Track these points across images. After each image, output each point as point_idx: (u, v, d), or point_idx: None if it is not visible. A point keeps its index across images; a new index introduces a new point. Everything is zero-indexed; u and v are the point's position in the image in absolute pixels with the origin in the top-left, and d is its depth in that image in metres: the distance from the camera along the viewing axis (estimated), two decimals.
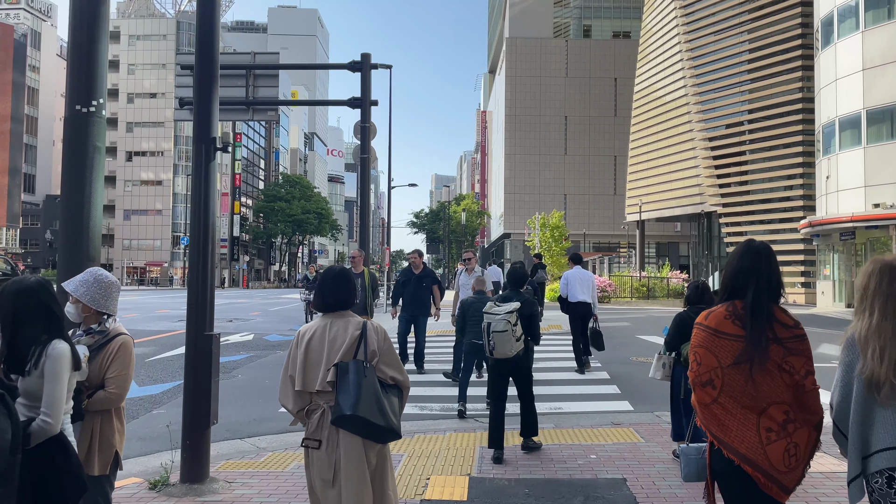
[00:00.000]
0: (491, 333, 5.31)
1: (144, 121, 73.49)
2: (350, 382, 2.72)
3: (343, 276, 3.04)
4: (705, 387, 2.32)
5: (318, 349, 2.85)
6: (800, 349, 2.30)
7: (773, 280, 2.37)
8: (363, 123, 15.32)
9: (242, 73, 15.83)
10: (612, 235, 68.88)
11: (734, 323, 2.32)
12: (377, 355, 2.86)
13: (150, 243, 72.78)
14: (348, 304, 2.97)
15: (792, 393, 2.28)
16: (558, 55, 73.86)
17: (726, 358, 2.29)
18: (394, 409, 2.82)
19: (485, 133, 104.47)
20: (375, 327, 2.93)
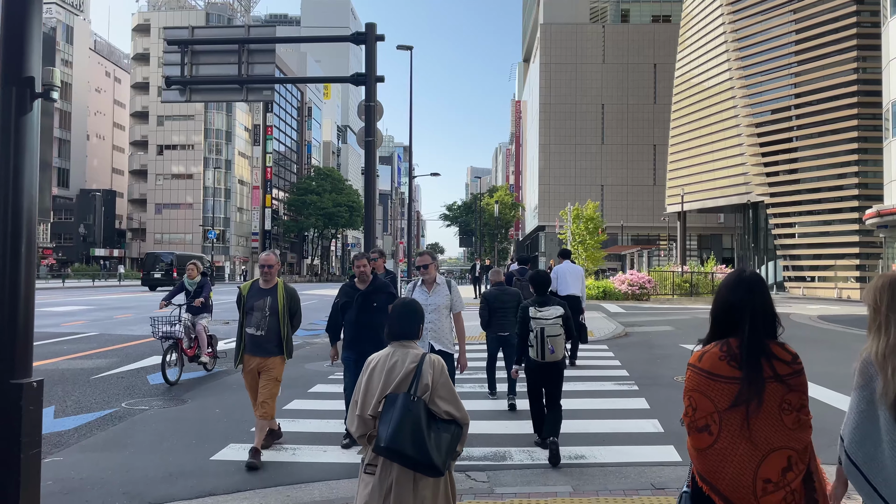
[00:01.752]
0: (547, 338, 5.55)
1: (175, 114, 73.09)
2: (393, 415, 2.76)
3: (410, 307, 3.12)
4: (701, 433, 2.19)
5: (377, 378, 2.92)
6: (797, 384, 2.19)
7: (768, 314, 2.23)
8: (367, 102, 13.61)
9: (234, 49, 14.25)
10: (652, 228, 66.40)
11: (730, 364, 2.18)
12: (429, 389, 2.86)
13: (182, 237, 72.46)
14: (413, 335, 3.04)
15: (794, 437, 2.14)
16: (595, 41, 71.42)
17: (723, 402, 2.17)
18: (440, 444, 2.79)
19: (519, 123, 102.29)
20: (432, 361, 2.94)
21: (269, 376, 5.39)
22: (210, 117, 73.07)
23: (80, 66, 77.06)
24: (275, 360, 5.45)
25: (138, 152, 77.13)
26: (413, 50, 24.12)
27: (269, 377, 5.39)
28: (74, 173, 76.88)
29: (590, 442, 5.90)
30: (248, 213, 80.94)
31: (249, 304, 5.48)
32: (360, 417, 2.89)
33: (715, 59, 49.88)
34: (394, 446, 2.71)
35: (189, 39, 13.92)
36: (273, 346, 5.44)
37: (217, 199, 73.66)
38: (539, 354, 5.54)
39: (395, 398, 2.80)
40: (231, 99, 14.57)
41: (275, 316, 5.44)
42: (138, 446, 5.82)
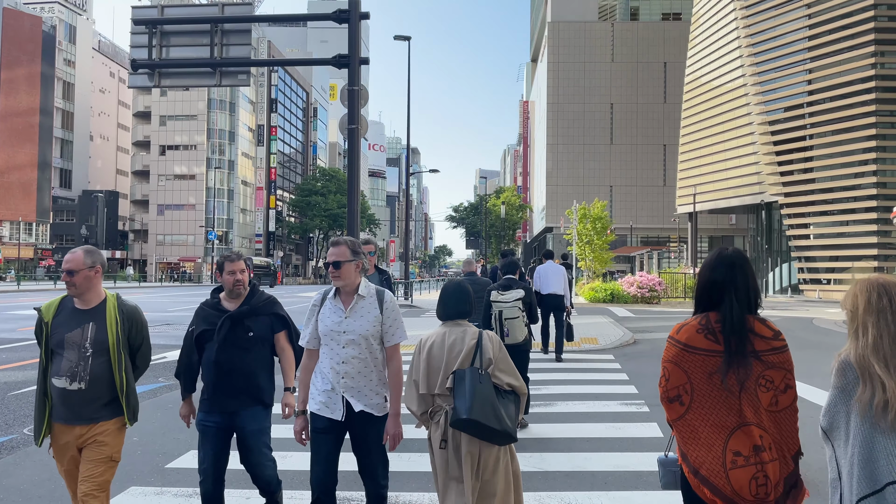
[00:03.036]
0: (504, 321, 5.66)
1: (178, 114, 72.31)
2: (466, 388, 2.89)
3: (462, 287, 3.24)
4: (672, 403, 2.22)
5: (438, 356, 3.05)
6: (779, 362, 2.17)
7: (749, 291, 2.24)
8: (350, 87, 12.42)
9: (206, 30, 13.09)
10: (662, 229, 65.06)
11: (707, 337, 2.20)
12: (492, 363, 3.01)
13: (184, 238, 71.59)
14: (466, 314, 3.19)
15: (770, 416, 2.15)
16: (604, 39, 70.20)
17: (697, 374, 2.19)
18: (509, 414, 2.96)
19: (527, 124, 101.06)
20: (491, 336, 3.09)
21: (97, 456, 3.19)
22: (213, 117, 72.19)
23: (84, 66, 76.37)
24: (106, 429, 3.23)
25: (141, 152, 76.34)
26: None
27: (97, 457, 3.19)
28: (77, 174, 76.16)
29: (588, 485, 4.66)
30: (252, 215, 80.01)
31: (58, 339, 3.23)
32: (424, 396, 3.06)
33: (727, 56, 48.57)
34: (474, 417, 2.84)
35: (157, 19, 12.80)
36: (101, 406, 3.23)
37: (220, 199, 72.72)
38: (499, 336, 5.31)
39: (463, 373, 2.94)
40: (203, 84, 13.41)
41: (103, 355, 3.22)
42: (14, 491, 4.55)
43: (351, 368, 3.21)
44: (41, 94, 59.29)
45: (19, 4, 60.14)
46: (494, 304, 5.79)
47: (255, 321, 3.64)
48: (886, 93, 37.72)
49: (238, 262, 3.70)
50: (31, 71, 57.90)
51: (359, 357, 3.22)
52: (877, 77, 38.07)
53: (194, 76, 13.32)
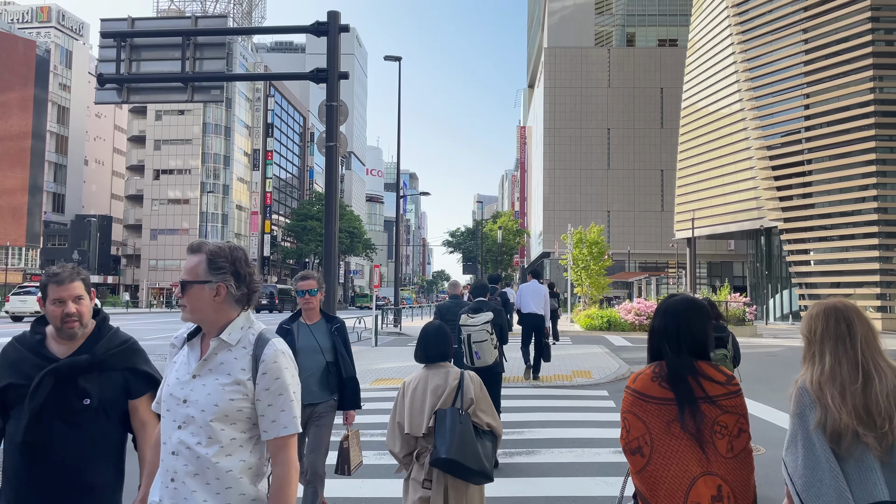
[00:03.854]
0: (472, 344, 5.67)
1: (172, 138, 71.91)
2: (447, 428, 2.91)
3: (442, 330, 3.24)
4: (634, 455, 2.19)
5: (421, 397, 3.06)
6: (733, 406, 2.15)
7: (694, 335, 2.23)
8: (329, 102, 11.74)
9: (178, 43, 12.43)
10: (660, 255, 64.35)
11: (661, 385, 2.18)
12: (473, 403, 3.04)
13: (177, 263, 70.71)
14: (447, 356, 3.19)
15: (727, 464, 2.10)
16: (600, 65, 70.23)
17: (655, 424, 2.15)
18: (486, 454, 2.98)
19: (524, 149, 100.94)
20: (472, 377, 3.11)
21: None
22: (208, 141, 71.81)
23: (79, 91, 76.14)
24: None
25: (135, 177, 75.81)
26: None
27: None
28: (71, 198, 75.54)
29: None
30: (247, 239, 79.25)
31: None
32: (408, 437, 3.05)
33: (723, 81, 48.28)
34: (454, 457, 2.85)
35: (127, 32, 12.14)
36: None
37: (214, 224, 72.04)
38: (468, 360, 5.63)
39: (444, 413, 2.97)
40: (175, 100, 12.74)
41: None
42: None
43: (181, 467, 1.91)
44: (34, 118, 58.85)
45: (13, 28, 60.00)
46: (463, 328, 5.73)
47: (99, 379, 2.36)
48: (886, 117, 37.26)
49: (72, 285, 2.38)
50: (23, 95, 57.52)
51: (194, 451, 1.90)
52: (875, 101, 37.63)
53: (165, 91, 12.62)
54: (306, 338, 4.03)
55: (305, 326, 4.09)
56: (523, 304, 10.90)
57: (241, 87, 75.87)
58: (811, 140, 40.69)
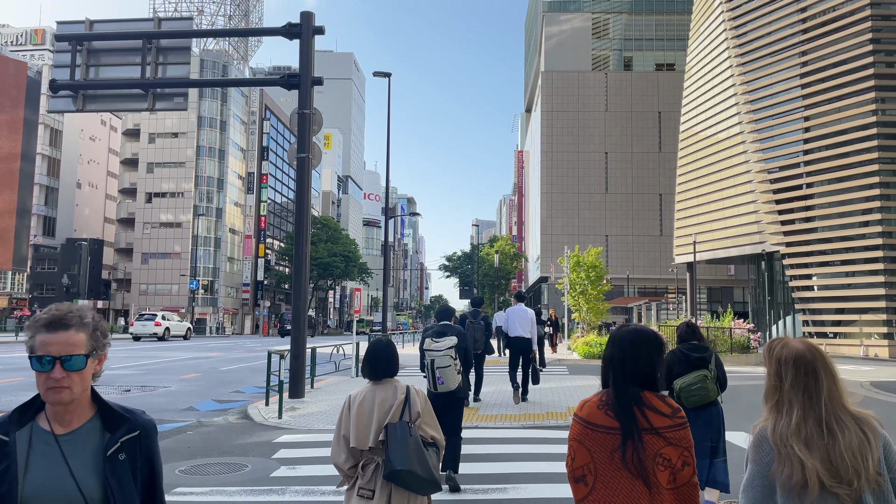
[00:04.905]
0: (436, 370, 5.56)
1: (165, 161, 71.07)
2: (398, 441, 2.98)
3: (390, 348, 3.30)
4: (578, 483, 2.16)
5: (368, 411, 3.10)
6: (677, 438, 2.12)
7: (639, 365, 2.21)
8: (301, 110, 10.72)
9: (137, 47, 11.48)
10: (659, 280, 63.37)
11: (606, 414, 2.17)
12: (419, 417, 3.14)
13: (168, 287, 69.49)
14: (394, 372, 3.25)
15: (671, 497, 2.09)
16: (597, 89, 69.89)
17: (599, 452, 2.14)
18: (433, 464, 3.08)
19: (521, 173, 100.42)
20: (417, 391, 3.20)
21: None
22: (202, 164, 70.98)
23: (73, 114, 75.54)
24: None
25: (127, 200, 74.82)
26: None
27: None
28: (62, 222, 74.49)
29: None
30: (240, 264, 78.11)
31: None
32: (353, 450, 3.09)
33: (722, 104, 47.69)
34: (407, 467, 2.92)
35: (83, 34, 11.19)
36: None
37: (206, 248, 70.93)
38: (432, 385, 5.61)
39: (395, 427, 3.02)
40: (134, 108, 11.74)
41: None
42: None
43: None
44: (23, 139, 58.00)
45: (5, 50, 59.48)
46: (427, 353, 5.67)
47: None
48: (889, 139, 36.57)
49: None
50: (13, 116, 56.75)
51: None
52: (878, 124, 36.97)
53: (123, 99, 11.62)
54: (45, 468, 1.65)
55: (48, 438, 1.68)
56: (511, 328, 10.88)
57: (235, 111, 75.30)
58: (812, 163, 39.94)
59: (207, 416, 9.86)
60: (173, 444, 7.56)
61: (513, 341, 10.86)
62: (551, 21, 74.05)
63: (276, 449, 7.28)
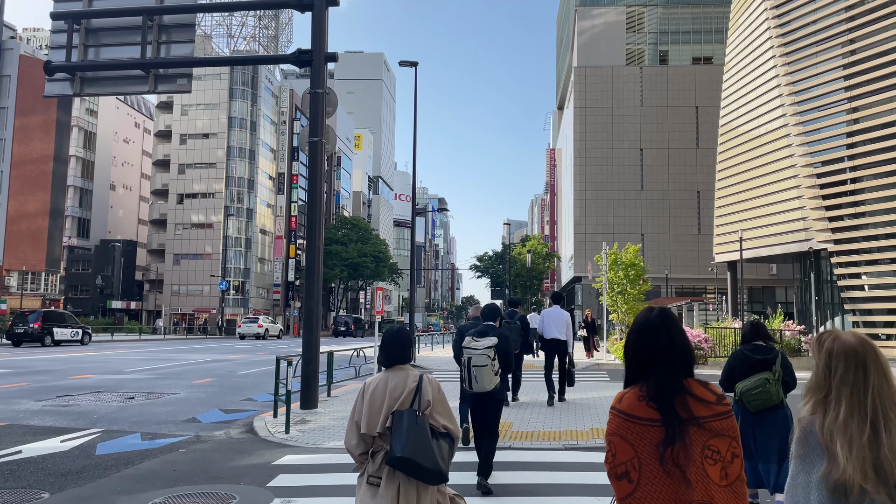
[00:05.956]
0: (472, 368, 5.53)
1: (196, 162, 71.14)
2: (403, 428, 2.97)
3: (402, 334, 3.30)
4: (621, 480, 2.02)
5: (380, 398, 3.10)
6: (723, 429, 1.99)
7: (680, 353, 2.09)
8: (314, 89, 9.69)
9: (137, 25, 10.59)
10: (697, 279, 61.39)
11: (648, 405, 2.03)
12: (430, 405, 3.09)
13: (199, 288, 69.48)
14: (406, 359, 3.25)
15: (721, 492, 1.94)
16: (632, 84, 68.06)
17: (643, 446, 2.00)
18: (442, 455, 3.04)
19: (553, 172, 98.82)
20: (430, 380, 3.18)
21: None
22: (232, 165, 70.91)
23: (106, 117, 76.18)
24: None
25: (159, 201, 75.16)
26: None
27: None
28: (96, 223, 75.15)
29: None
30: (270, 264, 77.94)
31: None
32: (364, 435, 3.08)
33: (764, 97, 45.71)
34: (408, 456, 2.91)
35: (81, 12, 10.31)
36: None
37: (237, 249, 70.85)
38: (468, 384, 5.59)
39: (401, 414, 3.00)
40: (135, 91, 10.83)
41: None
42: None
43: None
44: (56, 141, 58.38)
45: (37, 52, 59.93)
46: (465, 350, 5.68)
47: None
48: None
49: None
50: (46, 118, 57.10)
51: None
52: None
53: (123, 82, 10.71)
54: None
55: None
56: (546, 330, 10.83)
57: (265, 111, 75.16)
58: (860, 157, 37.90)
59: (208, 429, 8.87)
60: (158, 467, 6.56)
61: (548, 343, 10.80)
62: (584, 16, 72.47)
63: (273, 474, 6.22)
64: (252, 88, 72.65)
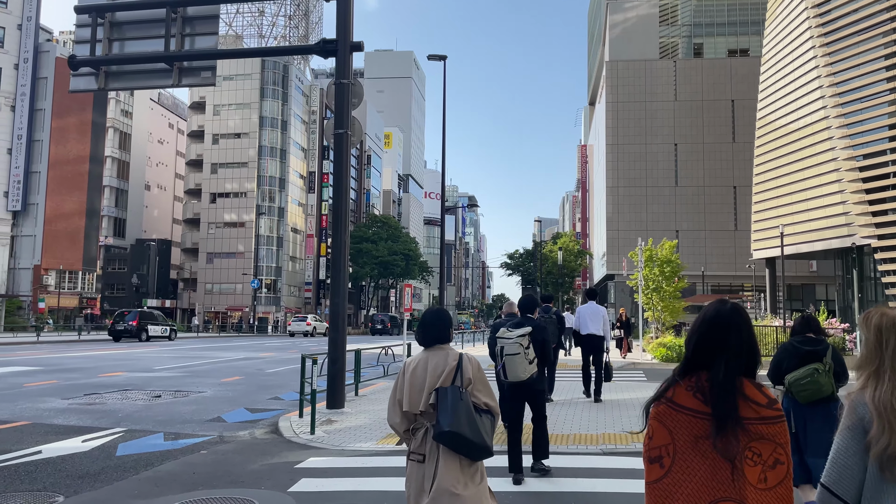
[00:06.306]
0: (504, 357, 5.56)
1: (229, 161, 71.82)
2: (448, 404, 3.04)
3: (442, 313, 3.39)
4: (653, 463, 2.03)
5: (421, 376, 3.18)
6: (770, 434, 1.94)
7: (745, 351, 2.05)
8: (339, 80, 9.41)
9: (161, 17, 10.42)
10: (734, 276, 60.09)
11: (695, 396, 2.02)
12: (472, 382, 3.16)
13: (232, 287, 70.12)
14: (446, 339, 3.31)
15: (759, 496, 1.90)
16: (665, 77, 66.81)
17: (682, 435, 2.00)
18: (486, 430, 3.10)
19: (585, 168, 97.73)
20: (470, 358, 3.23)
21: None
22: (264, 164, 71.45)
23: (141, 117, 77.28)
24: None
25: (192, 201, 76.09)
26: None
27: None
28: (132, 223, 76.31)
29: None
30: (302, 263, 78.37)
31: None
32: (407, 413, 3.17)
33: (803, 89, 44.46)
34: (455, 430, 2.96)
35: (105, 5, 10.18)
36: None
37: (269, 247, 71.36)
38: (502, 373, 5.61)
39: (445, 391, 3.07)
40: (159, 85, 10.69)
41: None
42: None
43: None
44: (91, 142, 59.37)
45: None
46: (499, 340, 5.71)
47: None
48: None
49: None
50: (81, 119, 58.08)
51: None
52: None
53: (147, 76, 10.55)
54: None
55: None
56: (582, 326, 10.80)
57: (296, 110, 75.56)
58: None
59: (233, 429, 8.64)
60: (177, 469, 6.32)
61: (585, 339, 10.75)
62: (616, 9, 71.37)
63: (295, 478, 5.94)
64: (283, 88, 73.11)
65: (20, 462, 6.50)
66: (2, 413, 9.58)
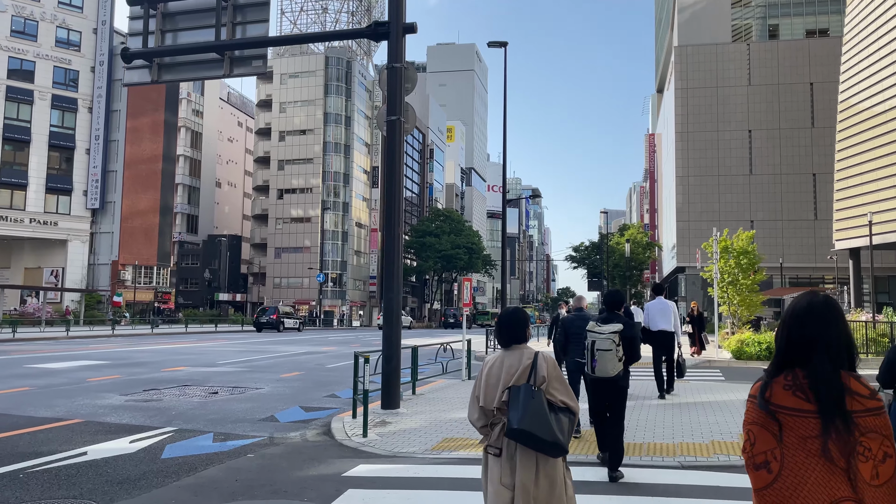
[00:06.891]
0: (595, 352, 5.64)
1: (295, 158, 72.97)
2: (520, 402, 3.08)
3: (517, 314, 3.42)
4: (759, 470, 1.95)
5: (496, 374, 3.24)
6: (876, 426, 1.88)
7: (843, 344, 1.98)
8: (391, 63, 8.95)
9: (211, 6, 10.14)
10: (814, 268, 57.17)
11: (795, 395, 1.94)
12: (545, 381, 3.18)
13: (299, 281, 71.28)
14: (522, 339, 3.35)
15: (875, 494, 1.84)
16: (738, 61, 63.95)
17: (788, 437, 1.92)
18: (561, 428, 3.11)
19: (653, 158, 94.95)
20: (545, 357, 3.25)
21: None
22: (328, 160, 72.25)
23: (211, 116, 79.29)
24: None
25: (260, 197, 77.72)
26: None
27: None
28: (203, 219, 78.50)
29: None
30: (366, 257, 79.01)
31: None
32: (483, 409, 3.24)
33: (889, 69, 41.70)
34: (524, 427, 3.01)
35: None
36: None
37: (334, 242, 72.19)
38: (589, 367, 5.70)
39: (518, 389, 3.12)
40: (210, 75, 10.48)
41: None
42: None
43: None
44: (164, 141, 61.24)
45: None
46: (590, 334, 5.79)
47: None
48: None
49: None
50: (154, 119, 59.95)
51: None
52: None
53: (198, 67, 10.35)
54: None
55: None
56: (651, 322, 10.67)
57: (359, 106, 76.05)
58: None
59: (284, 429, 8.32)
60: (220, 475, 5.98)
61: (655, 336, 10.59)
62: None
63: (341, 489, 5.50)
64: (346, 84, 73.72)
65: (63, 465, 6.30)
66: (58, 410, 9.56)
